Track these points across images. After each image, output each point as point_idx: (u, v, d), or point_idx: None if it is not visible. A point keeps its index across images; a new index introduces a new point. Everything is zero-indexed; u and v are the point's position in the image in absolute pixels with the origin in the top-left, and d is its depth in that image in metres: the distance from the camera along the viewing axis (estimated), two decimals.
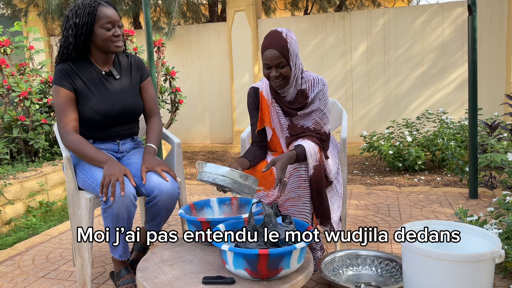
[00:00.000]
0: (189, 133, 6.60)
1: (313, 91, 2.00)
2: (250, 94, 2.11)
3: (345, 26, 5.58)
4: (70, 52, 1.94)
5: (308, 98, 1.99)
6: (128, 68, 2.10)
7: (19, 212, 3.20)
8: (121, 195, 1.76)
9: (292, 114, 2.01)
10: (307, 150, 1.87)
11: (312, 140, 1.95)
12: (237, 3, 5.87)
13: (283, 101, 2.02)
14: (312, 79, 2.01)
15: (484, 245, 1.62)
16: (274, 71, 1.89)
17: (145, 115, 2.18)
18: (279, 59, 1.87)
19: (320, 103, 2.00)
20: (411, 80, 5.41)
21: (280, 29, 1.92)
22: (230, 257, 1.47)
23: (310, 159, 1.88)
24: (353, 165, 4.87)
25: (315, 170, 1.88)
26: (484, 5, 5.02)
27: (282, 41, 1.87)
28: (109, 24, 1.90)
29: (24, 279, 2.17)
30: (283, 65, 1.89)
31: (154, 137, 2.08)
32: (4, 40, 4.07)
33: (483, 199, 3.16)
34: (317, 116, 2.00)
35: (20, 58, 5.54)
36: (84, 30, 1.89)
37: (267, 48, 1.88)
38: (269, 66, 1.90)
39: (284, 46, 1.87)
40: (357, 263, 2.00)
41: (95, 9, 1.88)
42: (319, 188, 1.89)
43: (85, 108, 1.96)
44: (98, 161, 1.88)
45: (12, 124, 3.72)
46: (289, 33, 1.91)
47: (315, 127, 2.01)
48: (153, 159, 1.95)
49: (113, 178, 1.77)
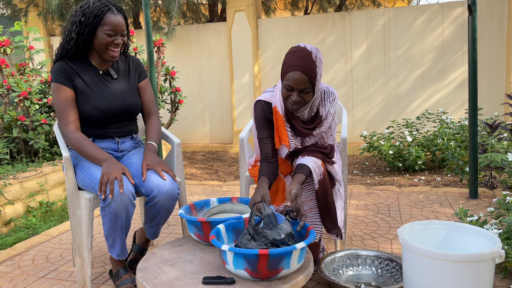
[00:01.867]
0: (189, 133, 6.60)
1: (323, 105, 1.88)
2: (262, 107, 1.92)
3: (345, 26, 5.58)
4: (70, 48, 1.94)
5: (321, 115, 1.88)
6: (126, 69, 2.12)
7: (19, 212, 3.20)
8: (120, 193, 1.76)
9: (306, 134, 1.88)
10: (312, 168, 1.82)
11: (314, 155, 1.88)
12: (237, 3, 5.86)
13: (297, 121, 1.88)
14: (322, 92, 1.87)
15: (484, 245, 1.62)
16: (297, 95, 1.72)
17: (143, 115, 2.19)
18: (305, 84, 1.70)
19: (331, 118, 1.90)
20: (411, 80, 5.41)
21: (310, 48, 1.72)
22: (230, 257, 1.47)
23: (315, 174, 1.84)
24: (353, 165, 4.86)
25: (319, 184, 1.86)
26: (484, 5, 5.02)
27: (312, 64, 1.69)
28: (112, 31, 1.91)
29: (24, 279, 2.17)
30: (308, 90, 1.72)
31: (154, 135, 2.09)
32: (4, 40, 4.07)
33: (483, 199, 3.16)
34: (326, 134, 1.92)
35: (20, 58, 5.54)
36: (87, 30, 1.90)
37: (295, 69, 1.69)
38: (292, 89, 1.72)
39: (313, 71, 1.69)
40: (357, 263, 2.00)
41: (102, 14, 1.88)
42: (325, 199, 1.89)
43: (84, 106, 1.96)
44: (98, 159, 1.89)
45: (12, 124, 3.72)
46: (318, 54, 1.73)
47: (318, 142, 1.92)
48: (154, 157, 1.97)
49: (112, 176, 1.78)
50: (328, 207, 1.90)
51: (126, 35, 1.99)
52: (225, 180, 4.38)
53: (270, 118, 1.94)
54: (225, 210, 2.01)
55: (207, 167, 5.11)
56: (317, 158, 1.87)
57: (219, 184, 4.01)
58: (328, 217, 1.92)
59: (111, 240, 1.87)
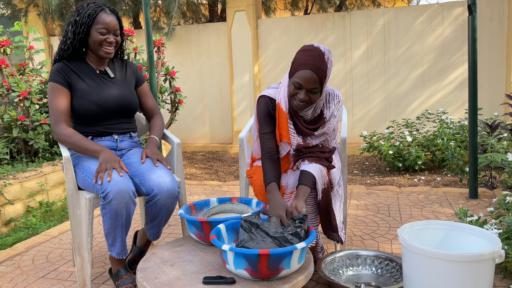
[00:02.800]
0: (189, 133, 6.60)
1: (328, 107, 1.87)
2: (265, 103, 1.92)
3: (345, 26, 5.58)
4: (67, 48, 2.01)
5: (325, 117, 1.87)
6: (123, 69, 2.19)
7: (19, 212, 3.20)
8: (119, 191, 1.78)
9: (308, 134, 1.87)
10: (316, 177, 1.80)
11: (320, 163, 1.86)
12: (237, 3, 5.87)
13: (300, 120, 1.88)
14: (327, 94, 1.87)
15: (484, 245, 1.62)
16: (304, 94, 1.72)
17: (147, 117, 2.29)
18: (315, 84, 1.70)
19: (334, 120, 1.88)
20: (411, 80, 5.41)
21: (323, 49, 1.71)
22: (230, 257, 1.47)
23: (319, 183, 1.82)
24: (353, 165, 4.87)
25: (323, 193, 1.85)
26: (484, 5, 5.02)
27: (323, 65, 1.69)
28: (104, 29, 1.98)
29: (24, 279, 2.17)
30: (316, 91, 1.72)
31: (157, 131, 2.19)
32: (4, 40, 4.07)
33: (483, 199, 3.16)
34: (329, 136, 1.90)
35: (20, 58, 5.54)
36: (82, 30, 1.97)
37: (306, 68, 1.68)
38: (301, 87, 1.72)
39: (324, 72, 1.69)
40: (357, 263, 2.00)
41: (95, 13, 1.97)
42: (326, 207, 1.88)
43: (81, 101, 2.00)
44: (92, 150, 1.94)
45: (12, 124, 3.72)
46: (330, 55, 1.73)
47: (323, 144, 1.90)
48: (154, 149, 2.06)
49: (109, 165, 1.85)
50: (329, 215, 1.91)
51: (119, 35, 2.07)
52: (225, 180, 4.38)
53: (273, 114, 1.93)
54: (225, 210, 2.02)
55: (207, 167, 5.11)
56: (323, 166, 1.86)
57: (219, 184, 4.01)
58: (328, 225, 1.93)
59: (111, 239, 1.87)
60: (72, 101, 2.02)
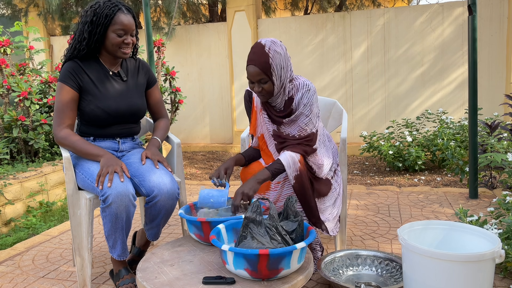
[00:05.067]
0: (189, 133, 6.60)
1: (296, 96, 1.96)
2: (245, 97, 2.14)
3: (345, 26, 5.58)
4: (83, 48, 1.95)
5: (293, 105, 1.96)
6: (136, 71, 2.14)
7: (19, 212, 3.20)
8: (119, 195, 1.77)
9: (279, 122, 1.99)
10: (285, 163, 1.88)
11: (293, 150, 1.93)
12: (237, 3, 5.87)
13: (272, 110, 2.01)
14: (297, 84, 1.96)
15: (484, 245, 1.62)
16: (257, 86, 1.88)
17: (154, 118, 2.27)
18: (259, 75, 1.84)
19: (304, 109, 1.94)
20: (411, 80, 5.41)
21: (264, 41, 1.86)
22: (230, 257, 1.47)
23: (289, 170, 1.89)
24: (353, 165, 4.87)
25: (296, 179, 1.90)
26: (484, 5, 5.02)
27: (264, 57, 1.82)
28: (122, 31, 1.92)
29: (24, 279, 2.17)
30: (265, 81, 1.86)
31: (161, 133, 2.17)
32: (4, 40, 4.07)
33: (483, 199, 3.16)
34: (302, 123, 1.95)
35: (20, 58, 5.54)
36: (99, 30, 1.91)
37: (249, 64, 1.85)
38: (252, 81, 1.88)
39: (265, 62, 1.82)
40: (357, 263, 2.00)
41: (113, 13, 1.90)
42: (303, 194, 1.92)
43: (90, 106, 1.97)
44: (94, 154, 1.92)
45: (12, 124, 3.72)
46: (273, 45, 1.84)
47: (300, 134, 1.97)
48: (155, 150, 2.04)
49: (111, 169, 1.82)
50: (307, 202, 1.93)
51: (135, 35, 2.02)
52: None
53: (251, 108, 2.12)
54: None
55: (207, 167, 5.11)
56: (295, 153, 1.92)
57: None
58: (310, 212, 1.95)
59: (112, 241, 1.87)
60: (81, 104, 1.98)
